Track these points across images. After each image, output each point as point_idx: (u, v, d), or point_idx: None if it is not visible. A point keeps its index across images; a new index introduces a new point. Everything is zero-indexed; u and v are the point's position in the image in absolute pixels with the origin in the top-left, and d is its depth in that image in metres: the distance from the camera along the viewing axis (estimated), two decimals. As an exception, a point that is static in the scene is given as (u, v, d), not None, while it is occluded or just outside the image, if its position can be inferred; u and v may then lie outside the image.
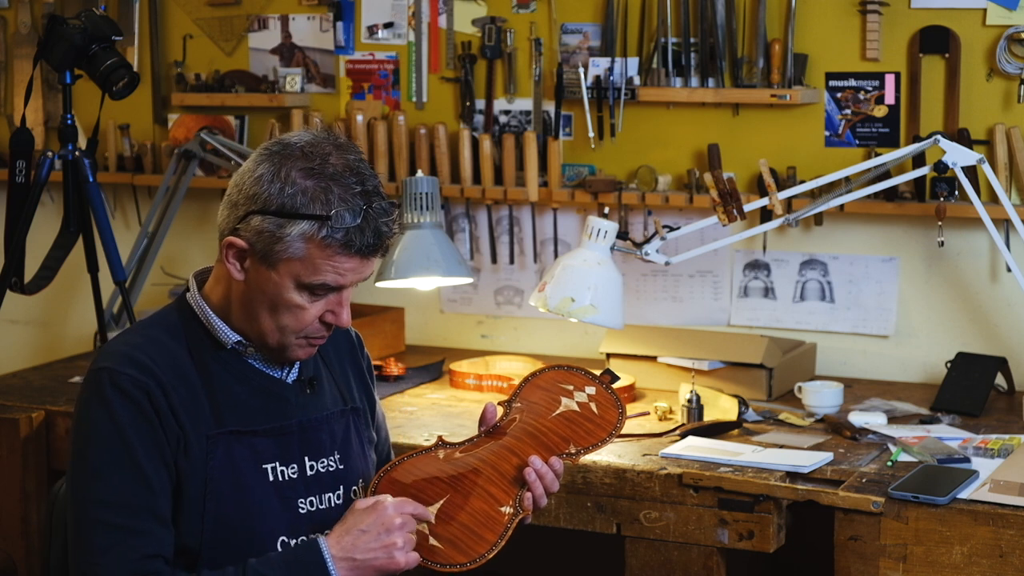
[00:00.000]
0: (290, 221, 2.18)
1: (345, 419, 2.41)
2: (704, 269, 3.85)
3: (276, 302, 2.23)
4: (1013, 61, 3.48)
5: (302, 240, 2.18)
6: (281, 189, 2.18)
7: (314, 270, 2.20)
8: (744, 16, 3.68)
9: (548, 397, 2.52)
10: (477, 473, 2.37)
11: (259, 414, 2.29)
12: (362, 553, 2.22)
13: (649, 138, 3.82)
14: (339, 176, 2.19)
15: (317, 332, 2.27)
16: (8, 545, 3.42)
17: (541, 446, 2.42)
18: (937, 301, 3.66)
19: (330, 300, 2.25)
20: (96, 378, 2.22)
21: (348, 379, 2.47)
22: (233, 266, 2.24)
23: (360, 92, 4.12)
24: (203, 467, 2.23)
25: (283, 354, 2.30)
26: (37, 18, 4.42)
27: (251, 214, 2.20)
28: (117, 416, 2.19)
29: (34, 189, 3.64)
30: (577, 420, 2.49)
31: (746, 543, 2.87)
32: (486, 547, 2.30)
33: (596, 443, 2.46)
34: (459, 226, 4.04)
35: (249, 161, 2.25)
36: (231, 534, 2.24)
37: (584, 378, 2.57)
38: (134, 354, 2.23)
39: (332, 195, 2.18)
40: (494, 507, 2.34)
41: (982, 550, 2.63)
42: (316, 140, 2.23)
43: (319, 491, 2.34)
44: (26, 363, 4.41)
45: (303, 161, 2.19)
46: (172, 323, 2.31)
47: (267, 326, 2.26)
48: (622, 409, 2.52)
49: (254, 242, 2.20)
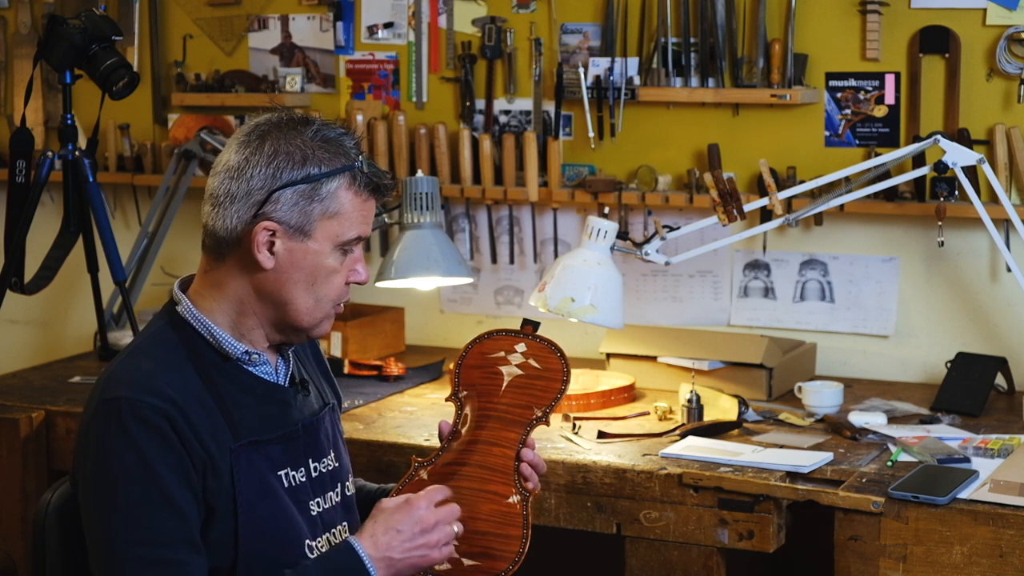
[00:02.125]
0: (324, 181, 2.22)
1: (328, 417, 2.42)
2: (704, 269, 3.85)
3: (315, 273, 2.25)
4: (1013, 61, 3.48)
5: (337, 194, 2.24)
6: (304, 157, 2.22)
7: (349, 223, 2.25)
8: (744, 16, 3.68)
9: (487, 373, 2.47)
10: (470, 479, 2.37)
11: (268, 422, 2.28)
12: (400, 552, 2.22)
13: (649, 138, 3.82)
14: (335, 132, 2.27)
15: (345, 295, 2.31)
16: (8, 545, 3.42)
17: (510, 424, 2.41)
18: (937, 301, 3.66)
19: (351, 258, 2.29)
20: (114, 409, 2.15)
21: (318, 376, 2.47)
22: (264, 255, 2.22)
23: (360, 92, 4.12)
24: (230, 483, 2.20)
25: (312, 332, 2.30)
26: (37, 18, 4.42)
27: (277, 191, 2.20)
28: (143, 450, 2.13)
29: (34, 189, 3.64)
30: (526, 383, 2.45)
31: (746, 543, 2.87)
32: (518, 543, 2.32)
33: (556, 397, 2.43)
34: (459, 226, 4.04)
35: (236, 153, 2.23)
36: (265, 545, 2.22)
37: (508, 338, 2.50)
38: (149, 380, 2.17)
39: (345, 147, 2.26)
40: (502, 503, 2.34)
41: (982, 550, 2.63)
42: (285, 112, 2.28)
43: (323, 491, 2.35)
44: (26, 363, 4.41)
45: (302, 128, 2.25)
46: (171, 341, 2.26)
47: (304, 304, 2.26)
48: (560, 352, 2.47)
49: (288, 218, 2.21)
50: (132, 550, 2.12)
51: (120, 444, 2.13)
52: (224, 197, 2.23)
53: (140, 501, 2.12)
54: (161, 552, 2.12)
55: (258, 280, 2.25)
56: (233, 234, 2.23)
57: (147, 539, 2.12)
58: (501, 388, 2.46)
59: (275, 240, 2.22)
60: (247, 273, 2.25)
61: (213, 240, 2.25)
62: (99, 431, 2.16)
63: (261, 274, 2.24)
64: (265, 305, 2.26)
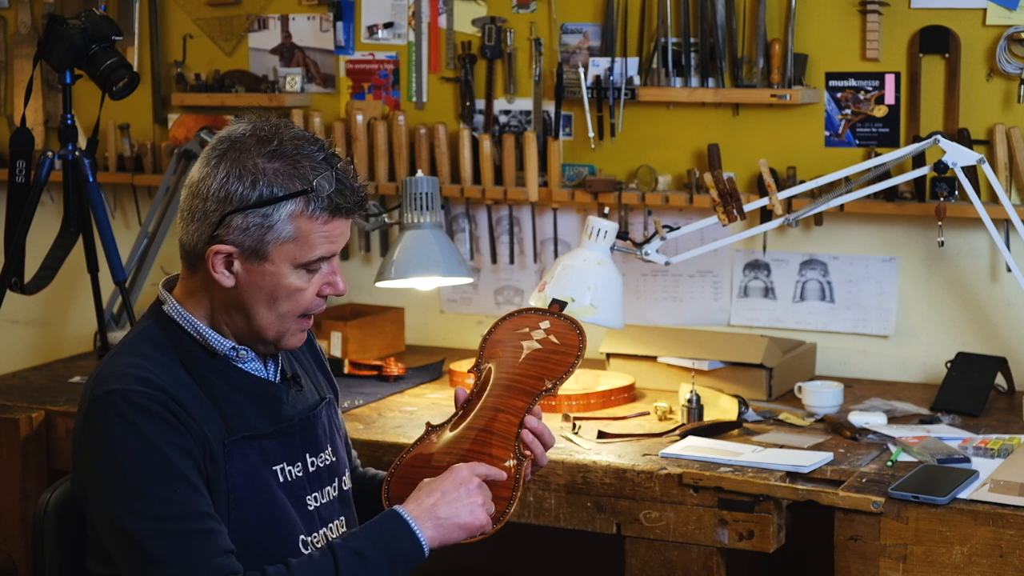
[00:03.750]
0: (275, 207, 2.17)
1: (325, 411, 2.42)
2: (704, 269, 3.85)
3: (275, 293, 2.23)
4: (1013, 61, 3.48)
5: (291, 220, 2.19)
6: (254, 180, 2.17)
7: (309, 246, 2.21)
8: (744, 16, 3.68)
9: (510, 347, 2.56)
10: (474, 442, 2.41)
11: (260, 417, 2.28)
12: (446, 510, 2.23)
13: (649, 138, 3.82)
14: (299, 148, 2.20)
15: (317, 307, 2.28)
16: (8, 545, 3.42)
17: (520, 393, 2.47)
18: (937, 301, 3.66)
19: (323, 272, 2.26)
20: (109, 401, 2.15)
21: (314, 371, 2.48)
22: (222, 274, 2.21)
23: (360, 92, 4.12)
24: (224, 476, 2.20)
25: (279, 344, 2.30)
26: (37, 18, 4.42)
27: (228, 215, 2.18)
28: (145, 433, 2.13)
29: (34, 189, 3.64)
30: (543, 356, 2.54)
31: (746, 543, 2.87)
32: (505, 504, 2.34)
33: (567, 370, 2.51)
34: (459, 226, 4.04)
35: (199, 169, 2.21)
36: (256, 539, 2.22)
37: (535, 316, 2.62)
38: (138, 373, 2.18)
39: (303, 168, 2.19)
40: (499, 465, 2.37)
41: (982, 550, 2.63)
42: (257, 124, 2.23)
43: (320, 486, 2.35)
44: (26, 363, 4.41)
45: (260, 147, 2.19)
46: (158, 339, 2.26)
47: (266, 320, 2.25)
48: (580, 330, 2.58)
49: (241, 242, 2.19)
50: (158, 527, 2.10)
51: (122, 431, 2.13)
52: (187, 213, 2.22)
53: (153, 479, 2.11)
54: (186, 524, 2.11)
55: (222, 294, 2.25)
56: (196, 250, 2.23)
57: (169, 514, 2.11)
58: (519, 360, 2.53)
59: (233, 260, 2.21)
60: (213, 287, 2.25)
61: (184, 252, 2.26)
62: (97, 425, 2.16)
63: (221, 290, 2.24)
64: (233, 316, 2.27)
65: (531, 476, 2.46)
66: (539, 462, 2.44)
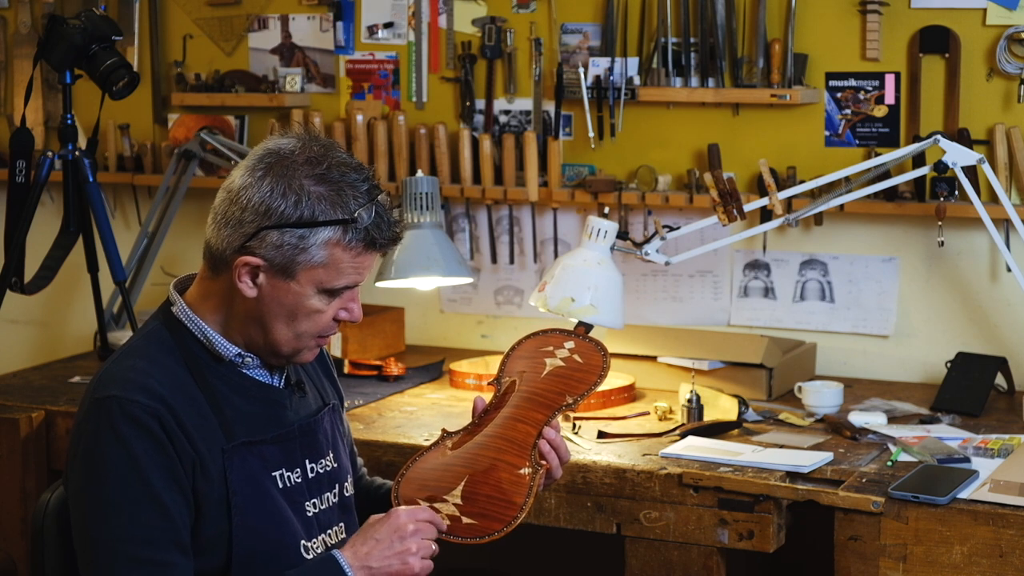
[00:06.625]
0: (312, 231, 2.17)
1: (328, 417, 2.42)
2: (704, 269, 3.85)
3: (295, 311, 2.23)
4: (1013, 61, 3.48)
5: (326, 246, 2.18)
6: (297, 201, 2.16)
7: (337, 273, 2.21)
8: (744, 16, 3.68)
9: (532, 364, 2.59)
10: (488, 448, 2.41)
11: (262, 423, 2.28)
12: (377, 560, 2.23)
13: (649, 138, 3.82)
14: (346, 176, 2.19)
15: (331, 330, 2.29)
16: (8, 545, 3.42)
17: (540, 406, 2.48)
18: (937, 301, 3.66)
19: (343, 297, 2.26)
20: (104, 407, 2.16)
21: (319, 377, 2.48)
22: (245, 284, 2.21)
23: (360, 92, 4.12)
24: (222, 484, 2.20)
25: (293, 359, 2.30)
26: (37, 18, 4.42)
27: (265, 230, 2.17)
28: (131, 448, 2.14)
29: (34, 189, 3.64)
30: (565, 374, 2.57)
31: (746, 543, 2.87)
32: (516, 510, 2.34)
33: (589, 387, 2.55)
34: (459, 226, 4.04)
35: (243, 175, 2.20)
36: (259, 545, 2.22)
37: (560, 336, 2.66)
38: (140, 379, 2.18)
39: (347, 197, 2.19)
40: (514, 472, 2.37)
41: (982, 550, 2.63)
42: (306, 143, 2.21)
43: (319, 492, 2.35)
44: (26, 363, 4.41)
45: (308, 167, 2.18)
46: (165, 340, 2.26)
47: (283, 336, 2.25)
48: (604, 351, 2.61)
49: (271, 257, 2.18)
50: (118, 547, 2.13)
51: (110, 443, 2.14)
52: (221, 217, 2.21)
53: (128, 500, 2.13)
54: (147, 551, 2.13)
55: (242, 303, 2.24)
56: (223, 256, 2.22)
57: (134, 536, 2.13)
58: (541, 375, 2.56)
59: (259, 273, 2.21)
60: (234, 294, 2.24)
61: (209, 254, 2.25)
62: (89, 430, 2.17)
63: (242, 298, 2.24)
64: (248, 326, 2.26)
65: (544, 488, 2.46)
66: (553, 474, 2.44)
